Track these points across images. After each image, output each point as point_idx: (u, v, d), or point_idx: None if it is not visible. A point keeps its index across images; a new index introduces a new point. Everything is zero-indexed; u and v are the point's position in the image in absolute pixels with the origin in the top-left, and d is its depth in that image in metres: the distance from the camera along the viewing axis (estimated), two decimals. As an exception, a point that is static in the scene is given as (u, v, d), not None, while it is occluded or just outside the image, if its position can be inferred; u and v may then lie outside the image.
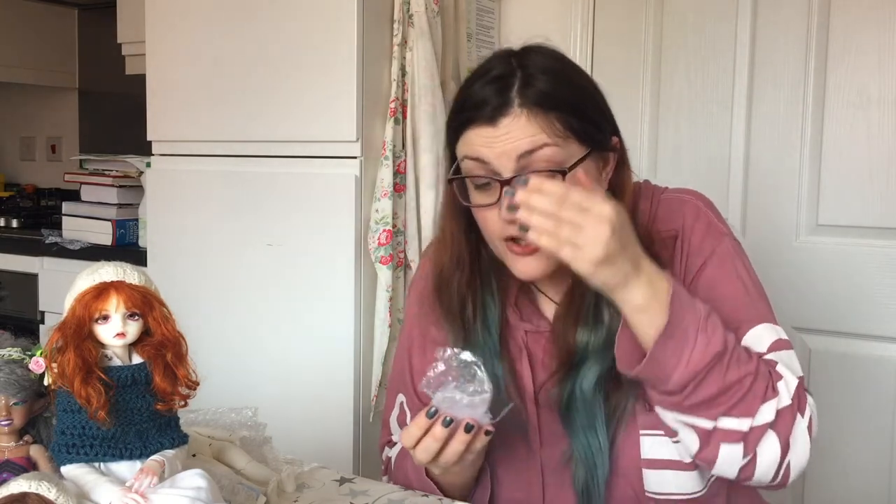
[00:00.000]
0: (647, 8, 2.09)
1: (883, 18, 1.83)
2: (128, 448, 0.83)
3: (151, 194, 2.15)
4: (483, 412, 0.92)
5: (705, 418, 0.93)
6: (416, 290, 1.22)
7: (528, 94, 0.98)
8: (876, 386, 1.88)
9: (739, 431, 0.93)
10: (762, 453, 0.94)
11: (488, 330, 1.09)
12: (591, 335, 1.02)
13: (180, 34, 2.04)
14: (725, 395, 0.92)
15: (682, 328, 0.91)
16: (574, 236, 0.87)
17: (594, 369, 1.02)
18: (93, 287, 0.84)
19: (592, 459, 1.03)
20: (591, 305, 1.03)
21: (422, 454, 0.94)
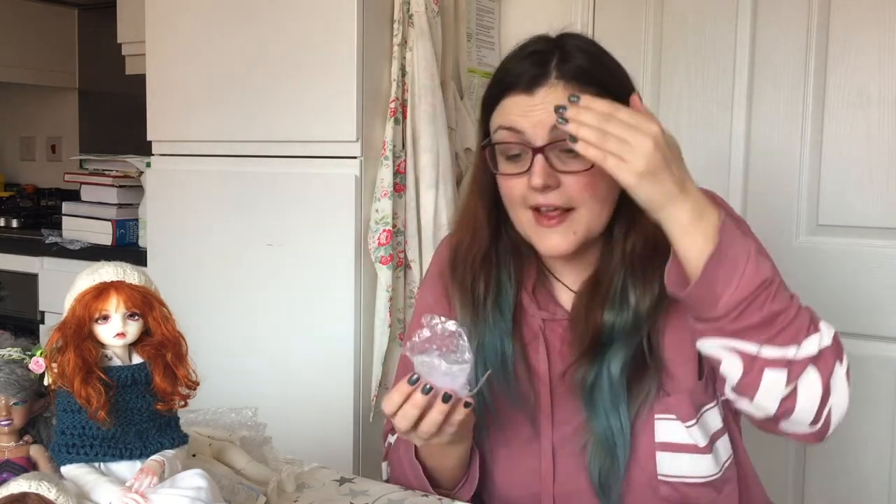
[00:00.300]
0: (647, 8, 2.09)
1: (883, 18, 1.83)
2: (128, 448, 0.83)
3: (151, 194, 2.15)
4: (462, 383, 0.92)
5: (750, 341, 0.93)
6: (431, 277, 1.23)
7: (565, 69, 1.02)
8: (876, 386, 1.88)
9: (783, 359, 0.93)
10: (803, 388, 0.94)
11: (500, 310, 1.10)
12: (618, 317, 1.04)
13: (180, 34, 2.04)
14: (771, 323, 0.93)
15: (732, 254, 0.91)
16: (618, 149, 0.89)
17: (622, 352, 1.03)
18: (93, 287, 0.84)
19: (613, 441, 1.03)
20: (619, 288, 1.04)
21: (401, 421, 0.94)
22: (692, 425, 1.04)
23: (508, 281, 1.11)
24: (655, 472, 1.04)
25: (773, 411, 0.95)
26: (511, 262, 1.12)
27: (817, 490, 1.95)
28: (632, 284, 1.03)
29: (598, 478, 1.04)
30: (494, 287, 1.11)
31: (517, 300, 1.12)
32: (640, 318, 1.03)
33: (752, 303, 0.92)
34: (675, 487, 1.05)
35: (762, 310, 0.92)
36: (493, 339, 1.09)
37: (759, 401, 0.95)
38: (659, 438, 1.04)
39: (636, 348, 1.03)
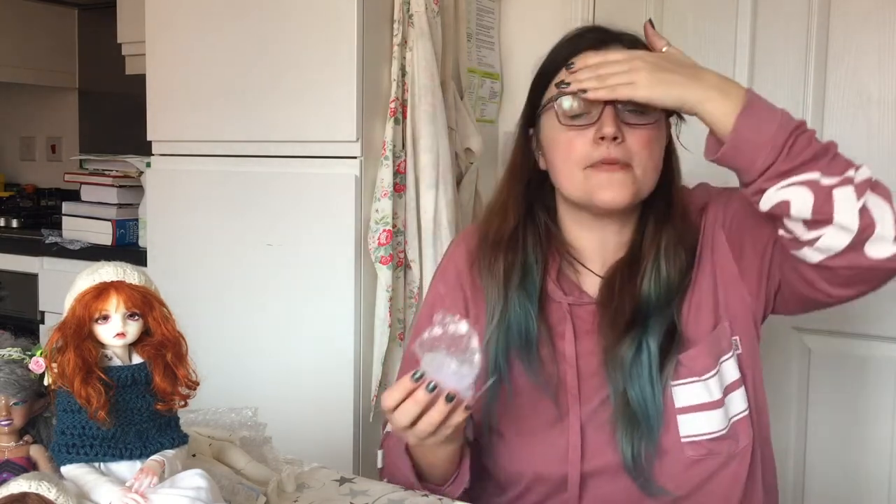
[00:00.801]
0: (647, 8, 2.09)
1: (883, 18, 1.83)
2: (128, 448, 0.83)
3: (151, 194, 2.15)
4: (468, 384, 0.92)
5: (810, 172, 0.96)
6: (443, 269, 1.25)
7: (625, 39, 1.11)
8: (876, 386, 1.88)
9: (846, 178, 0.96)
10: (873, 203, 0.96)
11: (527, 294, 1.13)
12: (655, 288, 1.09)
13: (180, 34, 2.04)
14: (823, 155, 0.97)
15: (764, 106, 1.00)
16: (619, 79, 1.00)
17: (658, 324, 1.07)
18: (93, 287, 0.84)
19: (647, 412, 1.06)
20: (654, 264, 1.10)
21: (401, 417, 0.94)
22: (711, 376, 1.08)
23: (535, 265, 1.14)
24: (679, 435, 1.07)
25: (856, 224, 0.95)
26: (539, 248, 1.15)
27: (817, 490, 1.95)
28: (665, 262, 1.10)
29: (631, 451, 1.06)
30: (520, 270, 1.14)
31: (542, 286, 1.14)
32: (672, 289, 1.09)
33: (798, 139, 0.97)
34: (698, 445, 1.08)
35: (810, 145, 0.97)
36: (518, 320, 1.12)
37: (839, 219, 0.95)
38: (678, 404, 1.08)
39: (668, 320, 1.08)
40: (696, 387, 1.08)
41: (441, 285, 1.22)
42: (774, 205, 0.98)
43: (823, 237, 0.97)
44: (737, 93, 1.01)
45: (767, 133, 0.97)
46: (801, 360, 1.94)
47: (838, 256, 0.97)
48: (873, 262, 0.96)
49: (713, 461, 1.08)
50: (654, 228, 1.13)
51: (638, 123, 1.06)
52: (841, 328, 1.90)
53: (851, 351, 1.90)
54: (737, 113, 0.98)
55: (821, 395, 1.93)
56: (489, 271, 1.16)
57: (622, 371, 1.07)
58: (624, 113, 1.06)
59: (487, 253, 1.17)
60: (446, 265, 1.25)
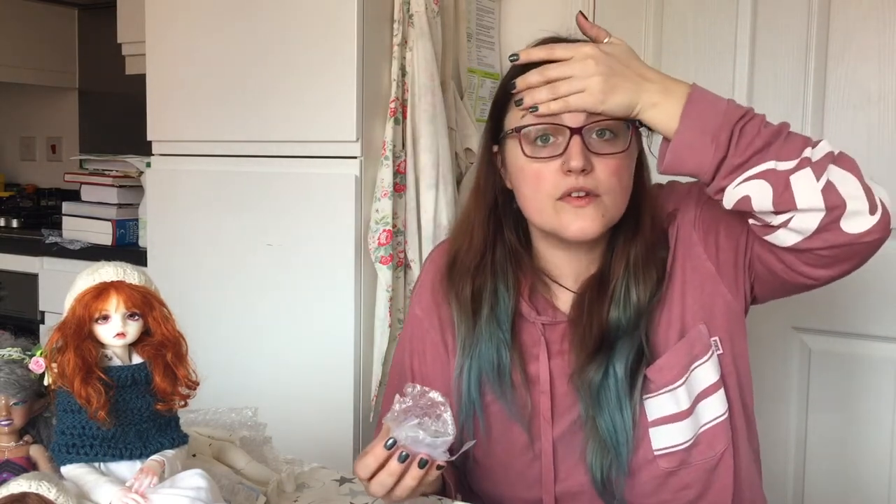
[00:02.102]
0: (647, 8, 2.09)
1: (883, 18, 1.83)
2: (128, 448, 0.83)
3: (151, 194, 2.15)
4: (442, 452, 0.92)
5: (763, 162, 0.95)
6: (419, 291, 1.23)
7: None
8: (876, 386, 1.88)
9: (803, 159, 0.94)
10: (836, 178, 0.94)
11: (497, 321, 1.10)
12: (623, 314, 1.06)
13: (180, 34, 2.04)
14: (773, 140, 0.96)
15: (706, 101, 0.97)
16: (569, 87, 0.97)
17: (626, 348, 1.05)
18: (93, 287, 0.84)
19: (616, 439, 1.04)
20: (623, 287, 1.07)
21: (376, 488, 0.94)
22: (679, 386, 1.06)
23: (506, 291, 1.11)
24: (651, 449, 1.06)
25: (824, 205, 0.93)
26: (508, 269, 1.12)
27: (817, 490, 1.95)
28: (634, 283, 1.07)
29: (601, 474, 1.05)
30: (490, 298, 1.11)
31: (516, 309, 1.11)
32: (640, 312, 1.06)
33: (745, 129, 0.95)
34: (671, 456, 1.07)
35: (759, 132, 0.96)
36: (489, 351, 1.09)
37: (802, 204, 0.94)
38: (650, 417, 1.07)
39: (637, 343, 1.06)
40: (664, 398, 1.07)
41: (418, 308, 1.21)
42: (736, 202, 0.97)
43: (793, 220, 0.95)
44: (680, 93, 0.98)
45: (711, 130, 0.95)
46: (801, 360, 1.94)
47: (815, 237, 0.95)
48: (851, 237, 0.94)
49: (689, 471, 1.07)
50: (623, 246, 1.09)
51: (607, 153, 1.03)
52: (841, 328, 1.90)
53: (851, 351, 1.90)
54: (682, 108, 0.96)
55: (821, 395, 1.93)
56: (457, 300, 1.13)
57: (590, 397, 1.06)
58: (592, 141, 1.02)
59: (455, 280, 1.14)
60: (420, 287, 1.22)
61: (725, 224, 1.08)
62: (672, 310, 1.09)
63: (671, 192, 1.15)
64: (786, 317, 1.92)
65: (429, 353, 1.17)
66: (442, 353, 1.17)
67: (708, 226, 1.09)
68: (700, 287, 1.09)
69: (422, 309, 1.19)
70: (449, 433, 0.91)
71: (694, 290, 1.09)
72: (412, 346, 1.20)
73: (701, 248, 1.09)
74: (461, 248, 1.14)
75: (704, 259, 1.09)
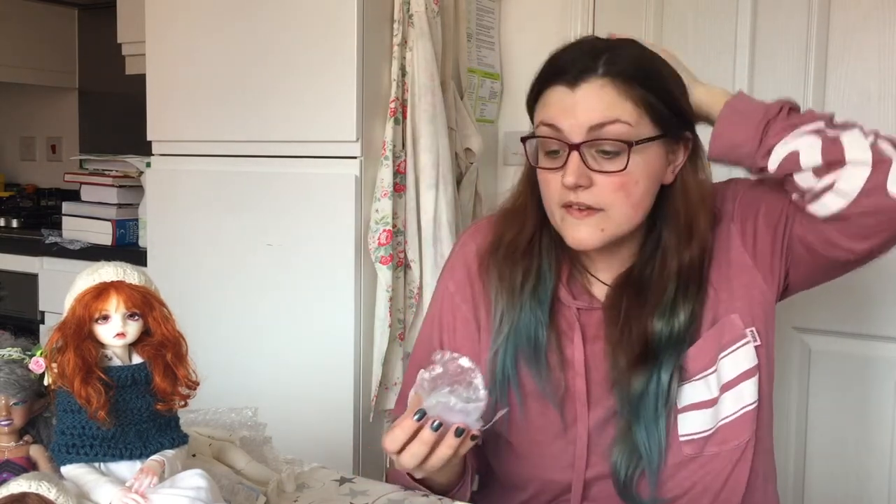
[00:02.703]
0: (647, 8, 2.09)
1: (883, 18, 1.83)
2: (128, 448, 0.83)
3: (151, 194, 2.15)
4: (475, 419, 0.91)
5: (813, 122, 1.01)
6: (451, 267, 1.23)
7: (614, 64, 1.02)
8: (876, 386, 1.88)
9: (851, 124, 1.01)
10: (883, 145, 0.98)
11: (539, 300, 1.11)
12: (667, 326, 1.06)
13: (180, 34, 2.04)
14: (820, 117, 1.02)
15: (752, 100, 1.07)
16: None
17: (671, 363, 1.05)
18: (93, 287, 0.84)
19: (649, 448, 1.05)
20: (671, 298, 1.07)
21: (409, 459, 0.94)
22: (710, 374, 1.07)
23: (549, 271, 1.13)
24: (678, 434, 1.07)
25: (870, 157, 0.97)
26: (553, 253, 1.13)
27: (817, 490, 1.95)
28: (682, 297, 1.07)
29: (624, 476, 1.06)
30: (534, 277, 1.12)
31: (555, 291, 1.13)
32: (682, 332, 1.06)
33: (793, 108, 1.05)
34: (693, 444, 1.07)
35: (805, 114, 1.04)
36: (527, 327, 1.10)
37: (851, 156, 0.97)
38: (681, 404, 1.07)
39: (681, 356, 1.06)
40: (697, 384, 1.08)
41: (451, 283, 1.21)
42: (783, 159, 1.00)
43: (840, 180, 0.97)
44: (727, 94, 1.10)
45: (760, 104, 1.05)
46: (802, 360, 1.94)
47: (860, 199, 0.97)
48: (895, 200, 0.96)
49: (710, 459, 1.08)
50: (677, 263, 1.08)
51: (606, 171, 1.02)
52: (841, 328, 1.90)
53: (851, 351, 1.90)
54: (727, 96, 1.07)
55: (821, 395, 1.93)
56: (500, 279, 1.14)
57: (629, 404, 1.06)
58: (591, 158, 1.02)
59: (500, 261, 1.14)
60: (454, 262, 1.23)
61: (765, 207, 1.09)
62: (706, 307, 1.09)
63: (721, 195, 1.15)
64: (786, 317, 1.92)
65: (459, 328, 1.18)
66: (473, 329, 1.17)
67: (745, 214, 1.10)
68: (736, 279, 1.09)
69: (455, 283, 1.19)
70: (481, 398, 0.90)
71: (728, 283, 1.10)
72: (441, 322, 1.20)
73: (739, 239, 1.10)
74: (509, 230, 1.15)
75: (742, 252, 1.09)
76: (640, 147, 1.02)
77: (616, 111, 1.01)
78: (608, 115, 1.01)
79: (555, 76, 1.04)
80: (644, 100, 1.02)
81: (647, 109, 1.02)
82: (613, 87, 1.01)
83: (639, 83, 1.02)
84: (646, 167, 1.04)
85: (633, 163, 1.02)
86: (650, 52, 1.09)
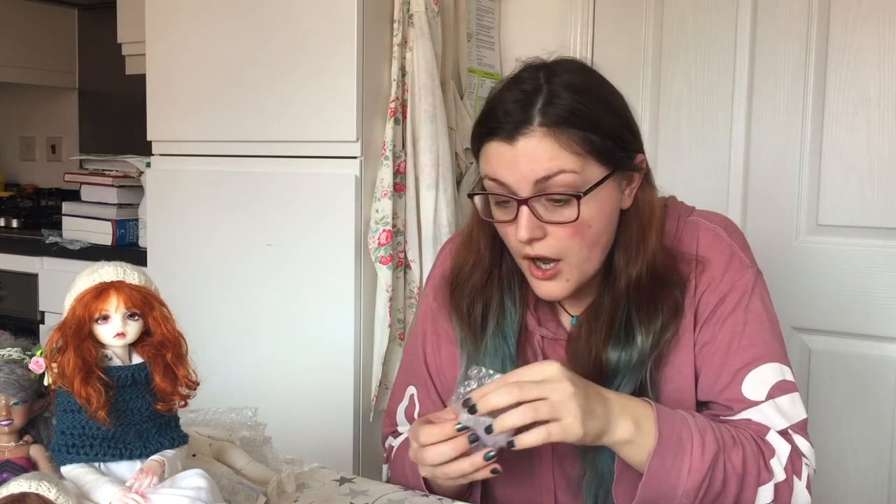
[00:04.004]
0: (647, 8, 2.09)
1: (883, 18, 1.83)
2: (128, 448, 0.83)
3: (151, 194, 2.15)
4: (504, 438, 0.91)
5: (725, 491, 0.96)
6: (433, 281, 1.22)
7: (549, 113, 0.97)
8: (876, 386, 1.88)
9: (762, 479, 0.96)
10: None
11: (504, 336, 1.09)
12: (623, 354, 1.02)
13: (180, 34, 2.04)
14: (725, 490, 0.95)
15: (675, 441, 0.94)
16: (550, 411, 0.89)
17: (626, 388, 1.02)
18: (93, 287, 0.84)
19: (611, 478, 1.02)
20: (623, 323, 1.03)
21: (434, 455, 0.93)
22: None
23: (513, 305, 1.10)
24: None
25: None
26: (515, 281, 1.10)
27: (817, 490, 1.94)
28: (637, 320, 1.02)
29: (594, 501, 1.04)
30: (497, 311, 1.10)
31: (522, 321, 1.10)
32: (644, 356, 1.02)
33: (711, 478, 0.94)
34: None
35: (719, 480, 0.95)
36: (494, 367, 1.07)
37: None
38: None
39: (638, 383, 1.03)
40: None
41: (433, 300, 1.19)
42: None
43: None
44: (650, 421, 0.94)
45: (682, 474, 0.93)
46: (801, 360, 1.94)
47: None
48: None
49: None
50: (625, 282, 1.04)
51: (558, 222, 0.98)
52: (841, 328, 1.90)
53: (851, 351, 1.90)
54: (651, 451, 0.93)
55: (821, 395, 1.93)
56: (459, 318, 1.11)
57: None
58: (542, 208, 0.98)
59: (456, 297, 1.11)
60: (436, 278, 1.21)
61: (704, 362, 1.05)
62: (683, 357, 1.04)
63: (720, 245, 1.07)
64: (786, 317, 1.91)
65: (443, 346, 1.17)
66: (454, 348, 1.15)
67: (714, 324, 1.05)
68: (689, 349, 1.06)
69: (437, 301, 1.18)
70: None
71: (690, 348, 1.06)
72: (426, 338, 1.19)
73: (693, 329, 1.05)
74: (465, 264, 1.12)
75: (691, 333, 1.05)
76: (590, 194, 0.98)
77: (559, 162, 0.96)
78: (551, 168, 0.96)
79: (491, 132, 1.00)
80: (587, 142, 0.97)
81: (591, 152, 0.97)
82: (552, 139, 0.96)
83: (578, 126, 0.96)
84: (600, 208, 1.00)
85: (586, 209, 0.98)
86: (588, 77, 1.04)
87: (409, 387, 1.20)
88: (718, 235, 1.08)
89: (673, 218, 1.10)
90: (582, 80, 1.02)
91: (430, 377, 1.18)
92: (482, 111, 1.04)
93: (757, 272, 1.08)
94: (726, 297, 1.05)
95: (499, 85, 1.06)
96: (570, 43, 2.14)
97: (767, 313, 1.06)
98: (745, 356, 1.03)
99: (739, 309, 1.04)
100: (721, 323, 1.04)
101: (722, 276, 1.05)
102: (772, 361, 1.04)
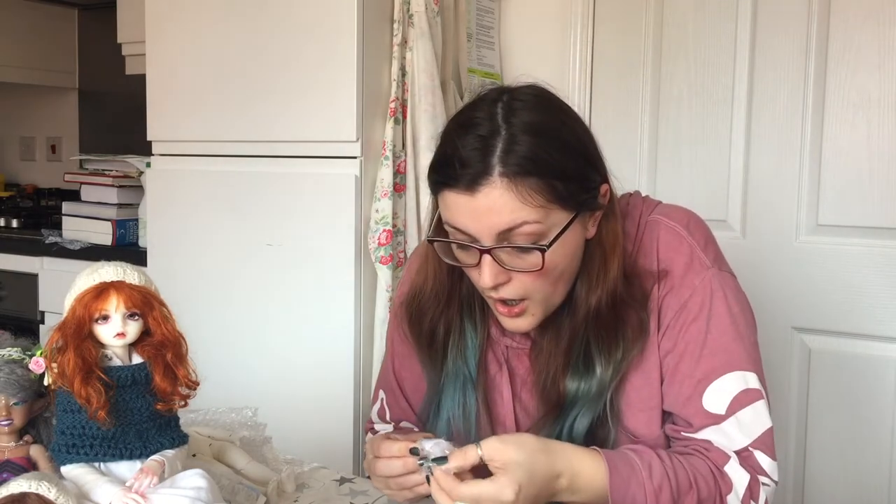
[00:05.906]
0: (647, 8, 2.09)
1: (883, 18, 1.83)
2: (128, 448, 0.83)
3: (151, 194, 2.15)
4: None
5: None
6: (400, 298, 1.19)
7: (510, 162, 0.91)
8: (876, 386, 1.88)
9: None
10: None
11: (465, 359, 1.08)
12: (582, 384, 1.01)
13: (180, 34, 2.04)
14: None
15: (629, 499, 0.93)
16: None
17: (586, 416, 1.01)
18: (93, 287, 0.84)
19: None
20: (582, 353, 1.01)
21: (384, 468, 0.94)
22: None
23: (472, 326, 1.09)
24: None
25: None
26: (475, 302, 1.09)
27: (817, 490, 1.95)
28: (597, 350, 1.00)
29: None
30: (457, 336, 1.09)
31: (486, 335, 1.09)
32: (603, 386, 1.00)
33: None
34: None
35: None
36: (455, 392, 1.08)
37: None
38: None
39: (599, 410, 1.01)
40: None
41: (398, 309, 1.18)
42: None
43: None
44: (601, 482, 0.93)
45: None
46: (801, 360, 1.94)
47: None
48: None
49: None
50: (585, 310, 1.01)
51: (522, 270, 0.95)
52: (841, 328, 1.90)
53: (851, 351, 1.90)
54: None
55: (821, 395, 1.93)
56: (418, 344, 1.10)
57: None
58: (505, 255, 0.95)
59: (418, 321, 1.10)
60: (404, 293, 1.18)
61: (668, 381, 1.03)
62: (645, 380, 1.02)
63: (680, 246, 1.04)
64: (786, 317, 1.92)
65: (409, 361, 1.16)
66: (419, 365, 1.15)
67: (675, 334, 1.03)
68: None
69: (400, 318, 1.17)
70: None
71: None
72: (394, 347, 1.19)
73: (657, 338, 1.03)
74: (424, 290, 1.10)
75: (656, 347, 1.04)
76: (554, 244, 0.94)
77: (521, 214, 0.92)
78: (514, 220, 0.92)
79: (449, 182, 0.94)
80: (549, 190, 0.92)
81: (554, 200, 0.93)
82: (514, 191, 0.91)
83: (540, 175, 0.91)
84: (564, 251, 0.97)
85: (551, 254, 0.94)
86: (546, 113, 0.97)
87: (381, 391, 1.22)
88: (678, 235, 1.04)
89: (633, 219, 1.07)
90: (541, 118, 0.96)
91: (399, 385, 1.19)
92: (436, 155, 0.99)
93: (718, 271, 1.04)
94: (688, 302, 1.02)
95: (452, 124, 0.99)
96: (570, 43, 2.14)
97: (731, 316, 1.02)
98: (706, 367, 1.00)
99: (702, 316, 1.01)
100: (683, 331, 1.02)
101: (682, 279, 1.02)
102: (734, 370, 1.00)
